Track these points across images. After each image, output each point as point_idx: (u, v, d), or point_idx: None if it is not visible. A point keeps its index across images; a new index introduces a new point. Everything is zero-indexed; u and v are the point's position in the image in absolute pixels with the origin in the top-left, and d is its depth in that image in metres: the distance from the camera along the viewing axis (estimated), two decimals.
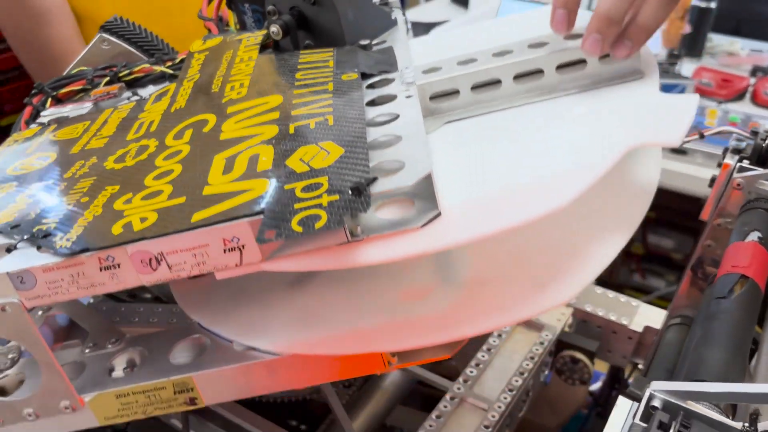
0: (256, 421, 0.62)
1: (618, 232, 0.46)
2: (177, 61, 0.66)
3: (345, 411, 0.63)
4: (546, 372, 0.78)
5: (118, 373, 0.49)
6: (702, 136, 0.66)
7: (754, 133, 0.62)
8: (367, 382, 0.74)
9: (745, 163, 0.61)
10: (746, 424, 0.34)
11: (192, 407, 0.47)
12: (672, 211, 1.90)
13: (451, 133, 0.51)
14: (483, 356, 0.71)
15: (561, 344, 0.77)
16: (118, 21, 0.70)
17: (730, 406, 0.37)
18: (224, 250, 0.39)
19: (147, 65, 0.67)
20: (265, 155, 0.44)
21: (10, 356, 0.51)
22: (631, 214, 0.47)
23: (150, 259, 0.40)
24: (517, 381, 0.68)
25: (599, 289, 0.83)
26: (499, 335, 0.74)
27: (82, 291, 0.42)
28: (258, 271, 0.39)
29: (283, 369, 0.45)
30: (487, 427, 0.63)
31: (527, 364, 0.70)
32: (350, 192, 0.38)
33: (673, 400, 0.35)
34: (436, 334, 0.42)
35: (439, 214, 0.38)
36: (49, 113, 0.65)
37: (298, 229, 0.36)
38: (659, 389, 0.35)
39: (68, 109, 0.64)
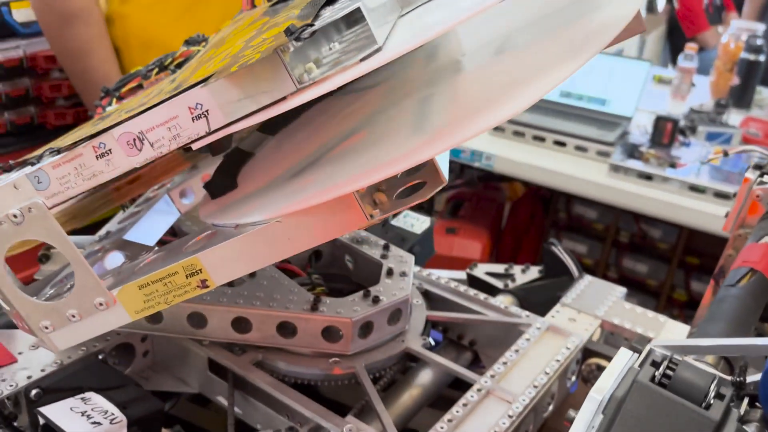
0: (295, 396, 0.67)
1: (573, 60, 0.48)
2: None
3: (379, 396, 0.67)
4: (573, 379, 0.81)
5: (139, 266, 0.55)
6: (726, 154, 0.70)
7: None
8: (393, 385, 0.78)
9: (765, 178, 0.65)
10: (737, 377, 0.38)
11: (205, 290, 0.52)
12: (716, 258, 1.88)
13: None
14: (511, 356, 0.75)
15: (588, 353, 0.80)
16: None
17: (727, 364, 0.41)
18: (192, 119, 0.45)
19: (186, 49, 0.76)
20: (236, 48, 0.50)
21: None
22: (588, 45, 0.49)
23: (134, 140, 0.47)
24: (542, 379, 0.71)
25: (627, 305, 0.86)
26: (528, 339, 0.78)
27: (87, 182, 0.49)
28: (227, 134, 0.46)
29: (277, 234, 0.50)
30: (510, 416, 0.66)
31: (553, 365, 0.74)
32: (284, 35, 0.43)
33: (668, 354, 0.39)
34: (402, 163, 0.45)
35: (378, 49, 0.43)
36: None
37: (234, 69, 0.43)
38: (658, 345, 0.39)
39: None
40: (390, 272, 0.77)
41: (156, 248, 0.59)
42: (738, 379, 0.36)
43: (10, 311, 0.55)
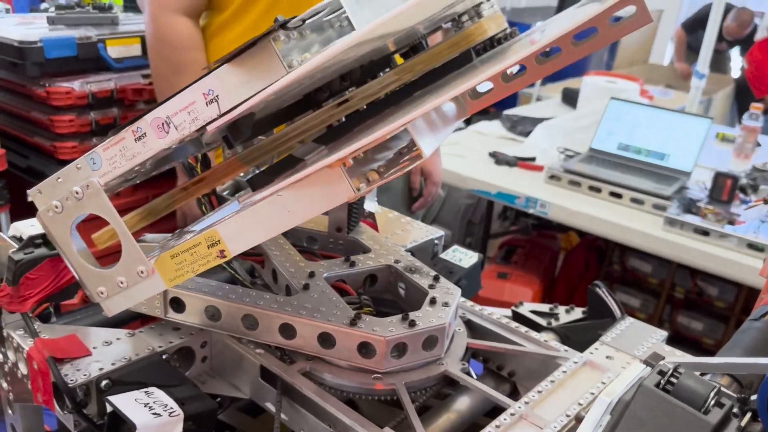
0: (338, 405, 0.72)
1: None
2: None
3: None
4: None
5: (175, 240, 0.62)
6: (766, 202, 0.72)
7: None
8: (431, 409, 0.81)
9: None
10: (743, 394, 0.40)
11: (223, 259, 0.59)
12: None
13: None
14: (546, 386, 0.77)
15: None
16: None
17: (738, 385, 0.43)
18: (206, 103, 0.53)
19: None
20: None
21: None
22: None
23: (162, 123, 0.55)
24: (574, 409, 0.74)
25: (667, 347, 0.88)
26: (564, 371, 0.80)
27: (128, 162, 0.58)
28: (236, 117, 0.52)
29: (278, 207, 0.57)
30: None
31: (587, 397, 0.76)
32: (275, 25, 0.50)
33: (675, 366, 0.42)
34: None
35: None
36: None
37: None
38: (668, 360, 0.42)
39: None
40: (433, 301, 0.81)
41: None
42: (743, 395, 0.39)
43: (78, 279, 0.64)
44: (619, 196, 2.08)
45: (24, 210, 1.52)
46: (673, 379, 0.39)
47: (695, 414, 0.37)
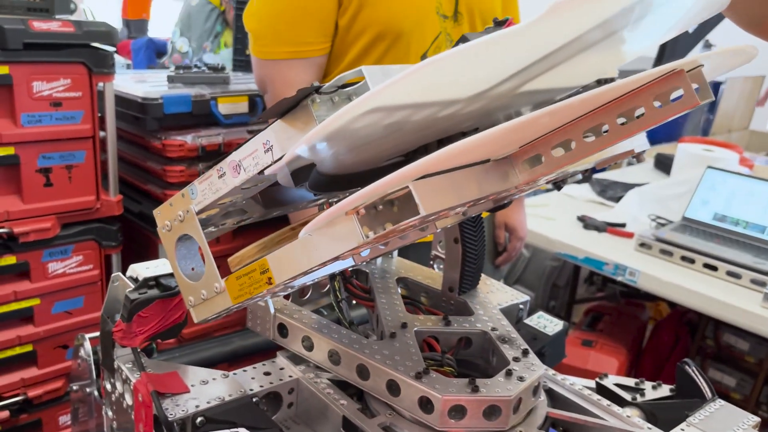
0: None
1: None
2: None
3: None
4: None
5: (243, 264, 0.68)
6: None
7: None
8: None
9: None
10: None
11: (270, 286, 0.64)
12: None
13: None
14: None
15: None
16: None
17: None
18: (264, 151, 0.61)
19: None
20: None
21: None
22: None
23: (236, 166, 0.63)
24: None
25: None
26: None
27: (213, 195, 0.66)
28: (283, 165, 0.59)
29: (310, 245, 0.60)
30: None
31: None
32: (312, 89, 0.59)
33: None
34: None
35: None
36: None
37: None
38: None
39: None
40: (509, 373, 0.81)
41: None
42: None
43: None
44: (714, 268, 2.01)
45: (135, 251, 1.64)
46: None
47: None
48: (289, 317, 0.88)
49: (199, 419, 0.76)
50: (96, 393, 1.08)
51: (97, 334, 1.00)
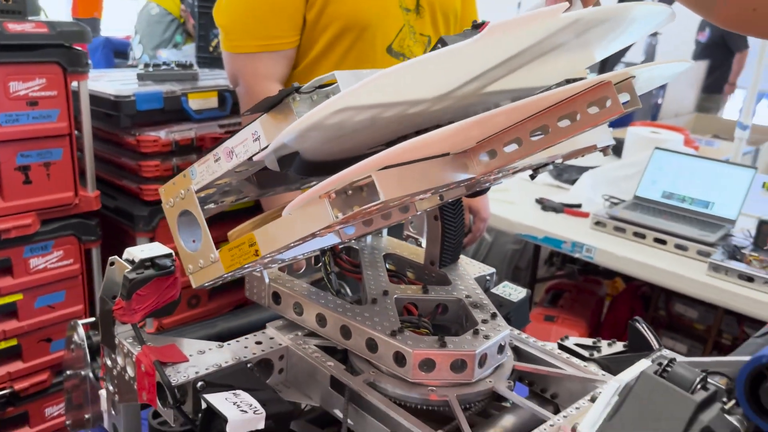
0: (398, 411, 0.82)
1: None
2: None
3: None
4: None
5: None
6: None
7: None
8: (477, 425, 0.91)
9: None
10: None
11: (257, 257, 0.72)
12: None
13: None
14: (584, 402, 0.86)
15: None
16: None
17: (731, 381, 0.53)
18: (253, 141, 0.70)
19: None
20: None
21: None
22: None
23: (229, 152, 0.72)
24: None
25: None
26: (601, 391, 0.89)
27: (210, 176, 0.75)
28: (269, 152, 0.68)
29: (294, 220, 0.68)
30: None
31: None
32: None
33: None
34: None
35: None
36: None
37: None
38: (666, 356, 0.52)
39: None
40: (476, 332, 0.91)
41: None
42: (731, 387, 0.49)
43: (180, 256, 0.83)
44: (663, 242, 2.14)
45: (113, 246, 1.69)
46: (668, 368, 0.49)
47: (683, 393, 0.47)
48: (282, 286, 0.97)
49: (199, 384, 0.83)
50: (91, 375, 1.14)
51: (88, 320, 1.06)
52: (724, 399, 0.49)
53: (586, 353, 1.12)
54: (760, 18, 0.71)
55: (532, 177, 1.01)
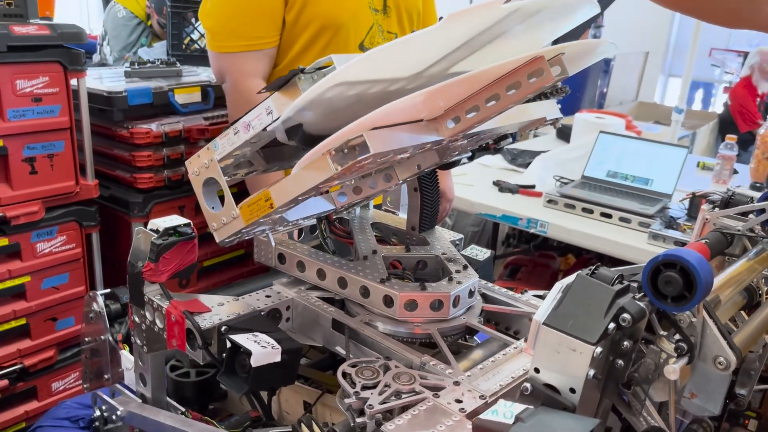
0: (390, 341, 1.00)
1: None
2: None
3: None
4: None
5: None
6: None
7: None
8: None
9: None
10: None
11: (271, 209, 0.88)
12: None
13: None
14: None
15: None
16: None
17: None
18: (266, 114, 0.86)
19: None
20: None
21: None
22: None
23: (247, 125, 0.88)
24: None
25: None
26: None
27: (229, 147, 0.91)
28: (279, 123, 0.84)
29: (300, 176, 0.84)
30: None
31: None
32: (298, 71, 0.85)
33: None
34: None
35: None
36: None
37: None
38: (595, 266, 0.71)
39: None
40: (450, 279, 1.10)
41: None
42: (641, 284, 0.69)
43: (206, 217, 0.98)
44: (609, 216, 2.37)
45: (109, 233, 1.82)
46: (596, 272, 0.69)
47: (606, 286, 0.67)
48: (286, 248, 1.15)
49: (223, 328, 1.00)
50: (111, 339, 1.29)
51: (104, 291, 1.21)
52: (638, 294, 0.69)
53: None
54: None
55: (496, 150, 1.20)
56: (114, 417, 1.12)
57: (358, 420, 0.83)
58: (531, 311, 1.15)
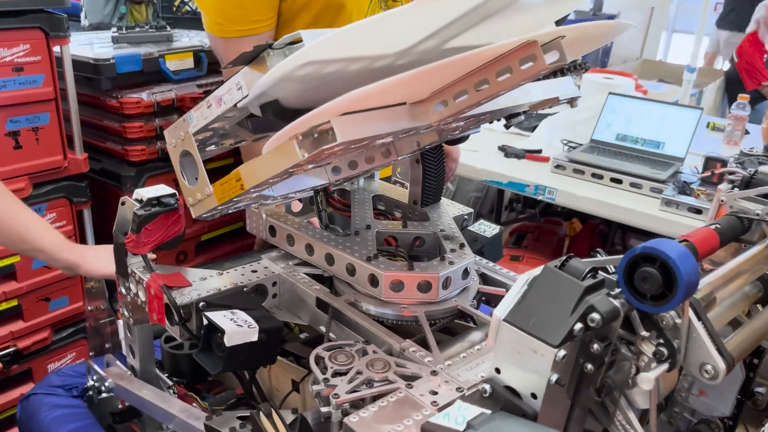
0: (373, 324, 0.93)
1: None
2: None
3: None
4: None
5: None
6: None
7: None
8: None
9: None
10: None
11: (242, 190, 0.82)
12: None
13: None
14: None
15: None
16: None
17: None
18: (237, 89, 0.80)
19: None
20: None
21: None
22: None
23: (219, 99, 0.82)
24: None
25: None
26: None
27: (203, 121, 0.85)
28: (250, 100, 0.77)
29: (267, 159, 0.77)
30: None
31: None
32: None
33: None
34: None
35: None
36: None
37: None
38: (567, 256, 0.64)
39: None
40: (443, 259, 1.02)
41: None
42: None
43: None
44: (619, 181, 2.30)
45: (102, 208, 1.74)
46: (566, 263, 0.62)
47: (574, 280, 0.60)
48: (277, 221, 1.10)
49: (201, 304, 0.93)
50: (110, 308, 1.25)
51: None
52: (615, 290, 0.62)
53: None
54: None
55: (507, 126, 1.12)
56: (102, 388, 1.12)
57: (323, 409, 0.78)
58: None
